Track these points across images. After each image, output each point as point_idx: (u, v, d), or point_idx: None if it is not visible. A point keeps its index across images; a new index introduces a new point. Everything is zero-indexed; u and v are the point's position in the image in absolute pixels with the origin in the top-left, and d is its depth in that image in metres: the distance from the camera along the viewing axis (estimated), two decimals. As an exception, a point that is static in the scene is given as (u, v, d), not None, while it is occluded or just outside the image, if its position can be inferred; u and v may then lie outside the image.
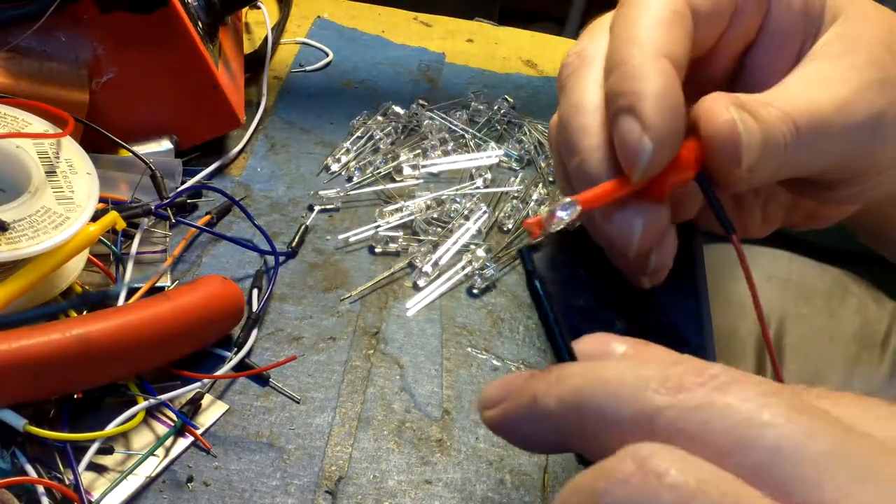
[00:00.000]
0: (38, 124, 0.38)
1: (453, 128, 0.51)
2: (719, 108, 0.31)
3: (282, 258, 0.42)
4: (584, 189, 0.33)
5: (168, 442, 0.34)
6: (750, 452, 0.18)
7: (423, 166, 0.48)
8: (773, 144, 0.32)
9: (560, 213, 0.30)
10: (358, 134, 0.50)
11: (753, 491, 0.18)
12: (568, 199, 0.31)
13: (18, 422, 0.31)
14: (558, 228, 0.31)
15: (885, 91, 0.34)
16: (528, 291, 0.30)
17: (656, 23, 0.32)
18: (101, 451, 0.32)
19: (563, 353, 0.26)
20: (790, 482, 0.18)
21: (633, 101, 0.31)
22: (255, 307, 0.39)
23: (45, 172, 0.36)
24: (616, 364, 0.22)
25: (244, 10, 0.58)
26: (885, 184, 0.36)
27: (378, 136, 0.50)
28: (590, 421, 0.21)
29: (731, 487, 0.18)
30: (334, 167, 0.48)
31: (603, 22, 0.37)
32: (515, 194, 0.47)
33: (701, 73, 0.37)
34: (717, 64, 0.37)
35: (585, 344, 0.25)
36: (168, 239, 0.41)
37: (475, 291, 0.42)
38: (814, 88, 0.33)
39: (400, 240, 0.44)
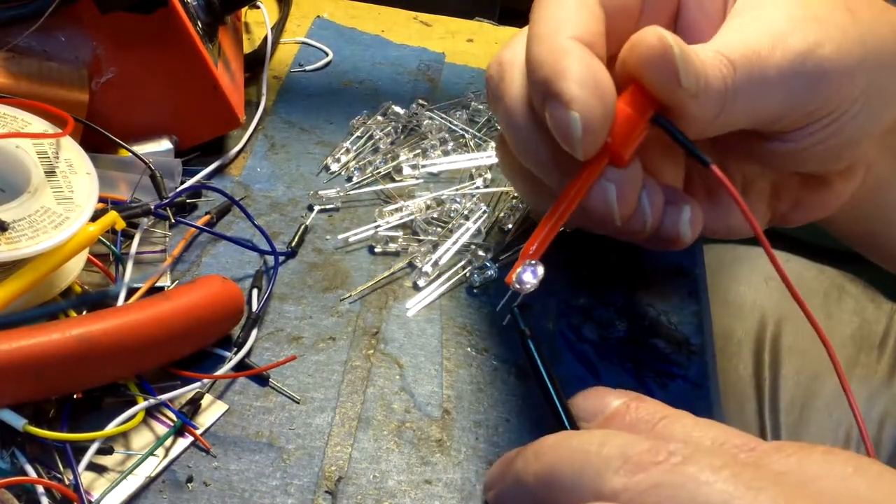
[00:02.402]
0: (38, 124, 0.38)
1: (453, 128, 0.51)
2: (648, 31, 0.31)
3: (281, 258, 0.42)
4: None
5: (168, 442, 0.34)
6: None
7: (423, 166, 0.48)
8: (712, 81, 0.31)
9: (525, 279, 0.30)
10: (358, 134, 0.50)
11: None
12: (528, 262, 0.31)
13: (18, 422, 0.31)
14: (533, 289, 0.31)
15: (818, 26, 0.33)
16: (521, 349, 0.30)
17: (564, 13, 0.32)
18: (100, 451, 0.32)
19: (559, 417, 0.27)
20: None
21: (551, 86, 0.31)
22: (254, 307, 0.39)
23: (45, 172, 0.36)
24: (588, 439, 0.23)
25: (244, 10, 0.58)
26: (842, 131, 0.35)
27: (378, 136, 0.50)
28: (560, 497, 0.22)
29: None
30: (334, 167, 0.48)
31: (521, 32, 0.36)
32: (515, 194, 0.47)
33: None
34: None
35: (583, 402, 0.26)
36: (168, 239, 0.41)
37: (475, 291, 0.42)
38: (745, 30, 0.33)
39: (400, 240, 0.44)
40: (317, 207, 0.45)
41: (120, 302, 0.36)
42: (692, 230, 0.36)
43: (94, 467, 0.32)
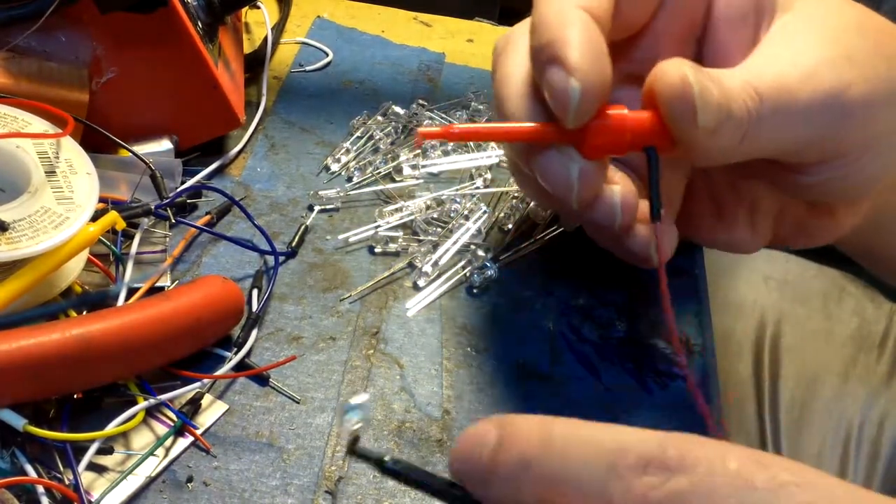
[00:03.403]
0: (38, 124, 0.38)
1: (453, 128, 0.51)
2: (672, 65, 0.31)
3: (282, 258, 0.42)
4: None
5: (168, 442, 0.34)
6: None
7: (423, 166, 0.48)
8: (735, 111, 0.31)
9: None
10: (358, 134, 0.50)
11: None
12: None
13: (18, 422, 0.31)
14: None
15: (850, 66, 0.33)
16: (385, 475, 0.28)
17: None
18: (100, 451, 0.32)
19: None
20: None
21: (555, 49, 0.31)
22: (255, 307, 0.39)
23: (45, 172, 0.36)
24: None
25: (244, 10, 0.58)
26: (863, 169, 0.35)
27: (378, 136, 0.50)
28: None
29: None
30: (334, 167, 0.48)
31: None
32: (515, 194, 0.47)
33: (642, 56, 0.36)
34: (670, 54, 0.36)
35: (458, 457, 0.23)
36: (168, 239, 0.41)
37: (475, 291, 0.42)
38: (777, 61, 0.33)
39: (400, 240, 0.44)
40: (317, 207, 0.45)
41: (120, 302, 0.36)
42: (661, 254, 0.35)
43: (94, 467, 0.32)
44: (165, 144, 0.45)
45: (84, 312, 0.35)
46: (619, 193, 0.34)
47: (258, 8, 0.57)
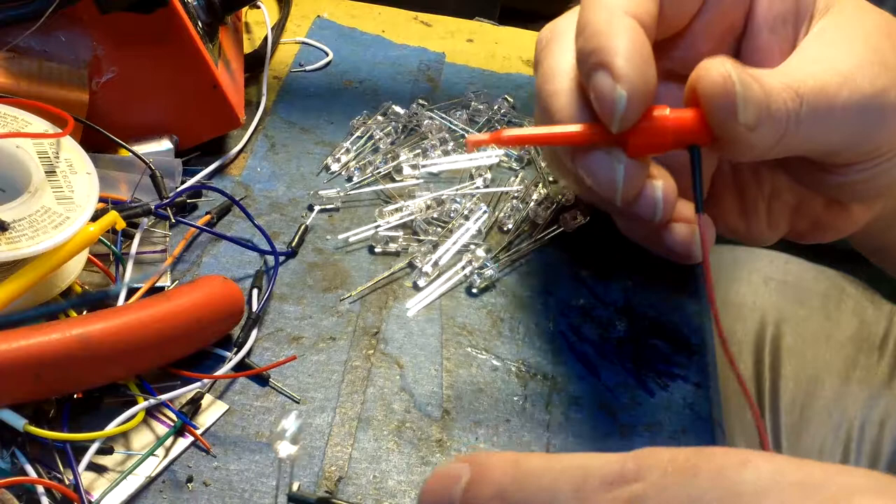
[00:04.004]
0: (38, 124, 0.38)
1: (453, 128, 0.51)
2: (715, 63, 0.32)
3: (282, 258, 0.42)
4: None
5: (168, 442, 0.34)
6: None
7: (423, 166, 0.48)
8: (775, 110, 0.32)
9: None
10: (358, 134, 0.50)
11: None
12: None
13: (18, 422, 0.31)
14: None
15: (885, 71, 0.34)
16: None
17: None
18: (101, 451, 0.32)
19: None
20: None
21: (603, 56, 0.32)
22: (255, 307, 0.39)
23: (45, 172, 0.36)
24: None
25: (244, 10, 0.58)
26: (886, 174, 0.36)
27: (378, 136, 0.50)
28: None
29: None
30: (334, 167, 0.48)
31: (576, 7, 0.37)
32: (515, 194, 0.47)
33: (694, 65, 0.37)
34: (703, 45, 0.37)
35: (427, 498, 0.24)
36: (168, 239, 0.41)
37: (475, 291, 0.42)
38: (816, 64, 0.34)
39: (400, 240, 0.44)
40: (317, 207, 0.45)
41: (120, 302, 0.36)
42: (705, 248, 0.36)
43: (94, 467, 0.32)
44: (165, 144, 0.45)
45: (84, 312, 0.35)
46: (660, 189, 0.35)
47: (258, 8, 0.57)
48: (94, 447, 0.32)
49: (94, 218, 0.36)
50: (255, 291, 0.40)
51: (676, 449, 0.21)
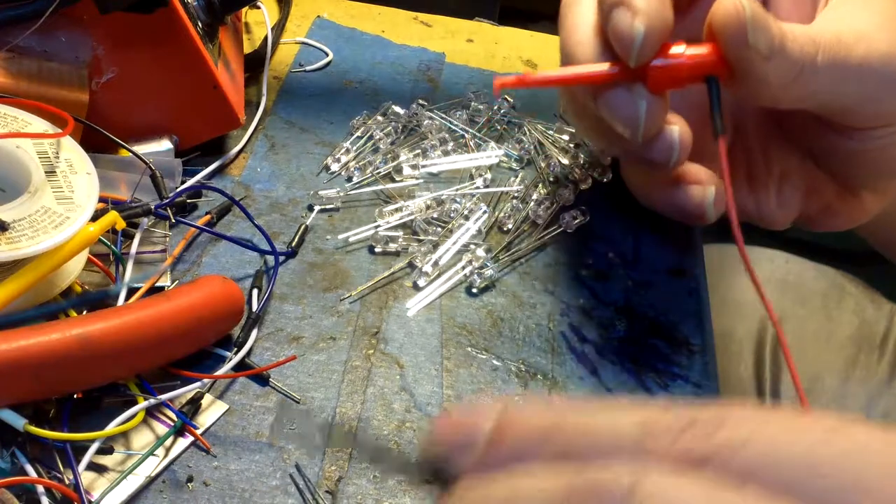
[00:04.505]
0: (38, 124, 0.38)
1: (453, 128, 0.51)
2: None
3: (282, 258, 0.42)
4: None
5: (168, 442, 0.34)
6: None
7: (423, 166, 0.48)
8: (791, 49, 0.33)
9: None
10: (358, 134, 0.50)
11: None
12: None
13: (18, 422, 0.31)
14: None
15: None
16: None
17: None
18: (101, 451, 0.32)
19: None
20: None
21: None
22: (255, 307, 0.39)
23: (45, 172, 0.36)
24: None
25: (244, 10, 0.58)
26: None
27: (378, 136, 0.50)
28: None
29: None
30: (334, 167, 0.48)
31: None
32: (515, 194, 0.47)
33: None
34: None
35: (441, 433, 0.20)
36: (168, 239, 0.41)
37: (475, 291, 0.42)
38: (836, 21, 0.35)
39: (400, 240, 0.44)
40: (317, 207, 0.45)
41: (120, 302, 0.36)
42: (716, 209, 0.39)
43: (95, 467, 0.32)
44: (165, 144, 0.45)
45: (84, 312, 0.35)
46: (676, 132, 0.37)
47: (258, 8, 0.57)
48: (94, 447, 0.32)
49: (94, 218, 0.36)
50: (255, 291, 0.40)
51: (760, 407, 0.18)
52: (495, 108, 0.53)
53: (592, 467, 0.17)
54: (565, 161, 0.50)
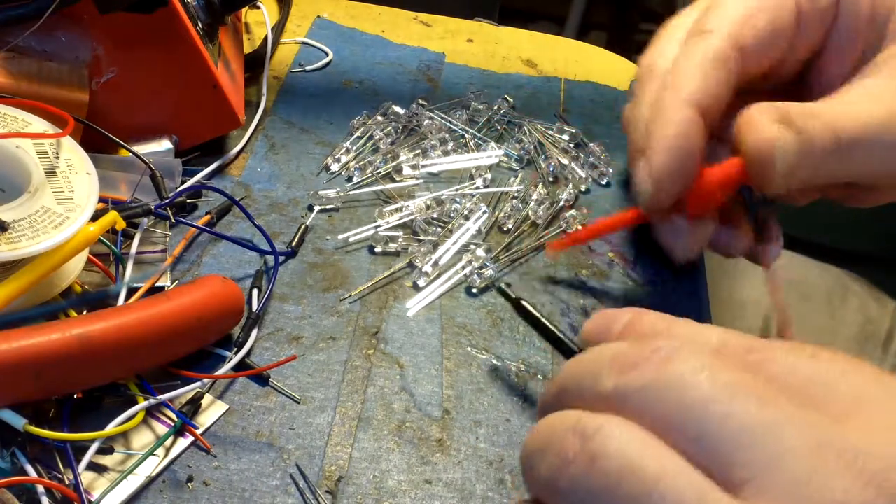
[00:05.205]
0: (38, 124, 0.38)
1: (453, 128, 0.51)
2: (759, 120, 0.35)
3: (282, 258, 0.42)
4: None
5: (168, 442, 0.34)
6: (684, 432, 0.20)
7: (423, 166, 0.48)
8: (809, 153, 0.35)
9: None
10: (358, 134, 0.50)
11: (685, 469, 0.20)
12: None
13: (18, 422, 0.31)
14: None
15: None
16: (522, 316, 0.37)
17: (696, 71, 0.36)
18: (101, 451, 0.32)
19: (569, 351, 0.33)
20: (715, 460, 0.20)
21: (647, 146, 0.36)
22: (255, 307, 0.39)
23: (45, 172, 0.36)
24: (592, 349, 0.24)
25: (244, 10, 0.58)
26: None
27: (378, 136, 0.50)
28: (567, 403, 0.23)
29: (665, 464, 0.20)
30: (334, 167, 0.48)
31: (672, 28, 0.41)
32: (515, 194, 0.47)
33: (767, 81, 0.40)
34: (785, 74, 0.40)
35: (590, 327, 0.27)
36: (168, 239, 0.41)
37: (475, 291, 0.42)
38: (864, 103, 0.36)
39: (400, 240, 0.44)
40: (317, 207, 0.45)
41: (120, 302, 0.36)
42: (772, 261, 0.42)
43: (95, 467, 0.32)
44: (165, 144, 0.45)
45: (84, 312, 0.35)
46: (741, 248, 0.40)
47: (258, 8, 0.57)
48: (94, 447, 0.32)
49: (94, 218, 0.36)
50: (255, 291, 0.40)
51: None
52: (495, 108, 0.53)
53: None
54: (565, 161, 0.50)
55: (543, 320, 0.35)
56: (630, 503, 0.19)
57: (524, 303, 0.36)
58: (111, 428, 0.32)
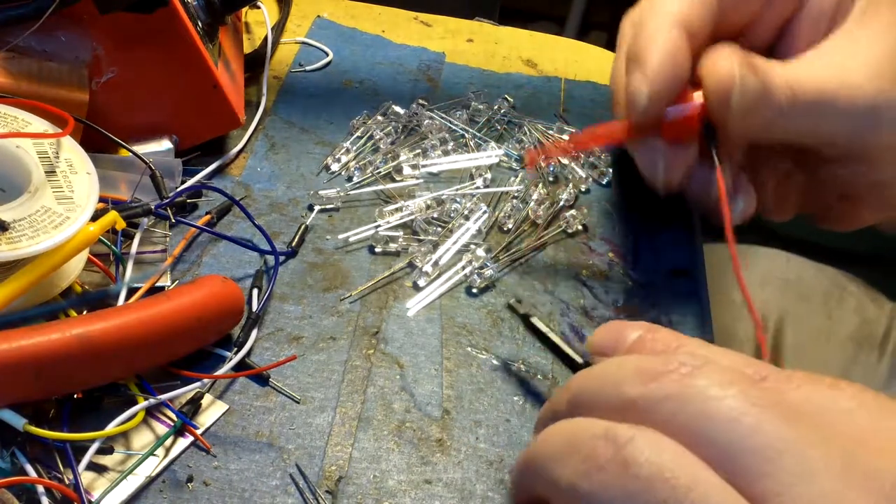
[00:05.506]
0: (38, 124, 0.38)
1: (453, 127, 0.51)
2: (721, 59, 0.36)
3: (282, 258, 0.42)
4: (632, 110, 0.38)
5: (168, 442, 0.34)
6: (710, 443, 0.21)
7: (423, 166, 0.48)
8: (766, 101, 0.36)
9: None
10: (358, 134, 0.50)
11: (715, 478, 0.20)
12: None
13: (18, 422, 0.31)
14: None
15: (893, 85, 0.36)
16: (532, 333, 0.38)
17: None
18: (101, 451, 0.32)
19: (577, 365, 0.32)
20: (741, 472, 0.20)
21: (641, 59, 0.37)
22: (255, 307, 0.39)
23: (45, 172, 0.36)
24: (608, 363, 0.24)
25: (244, 10, 0.58)
26: (882, 172, 0.38)
27: (378, 136, 0.50)
28: (585, 412, 0.24)
29: (697, 474, 0.20)
30: (334, 167, 0.48)
31: None
32: (515, 194, 0.47)
33: (745, 42, 0.40)
34: (761, 34, 0.40)
35: (600, 338, 0.27)
36: (168, 239, 0.41)
37: (475, 291, 0.42)
38: (821, 67, 0.37)
39: (400, 240, 0.44)
40: (317, 207, 0.45)
41: (120, 302, 0.36)
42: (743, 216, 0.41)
43: (95, 467, 0.32)
44: (165, 144, 0.45)
45: (84, 312, 0.35)
46: (740, 207, 0.40)
47: (258, 8, 0.57)
48: (94, 447, 0.32)
49: (94, 218, 0.36)
50: (255, 291, 0.40)
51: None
52: (495, 107, 0.53)
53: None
54: (565, 161, 0.50)
55: (553, 337, 0.36)
56: None
57: (534, 320, 0.37)
58: (111, 428, 0.32)
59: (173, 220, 0.41)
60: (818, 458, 0.20)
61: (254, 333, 0.38)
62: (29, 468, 0.31)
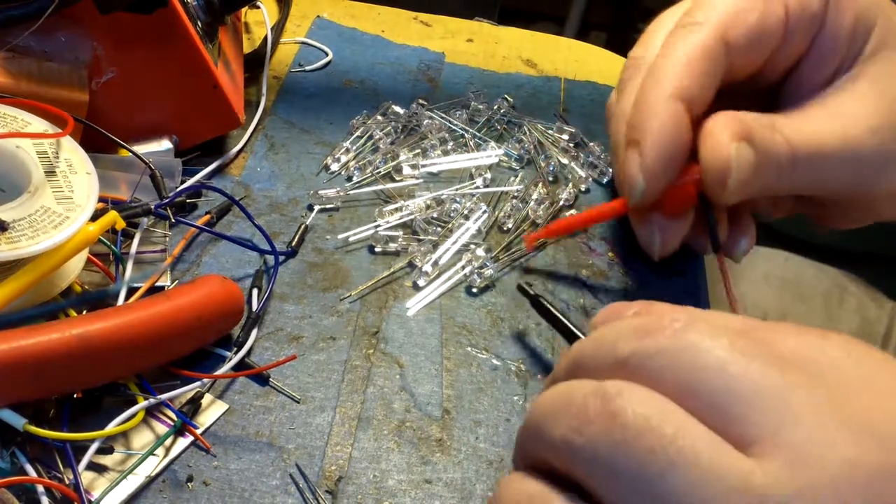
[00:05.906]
0: (38, 124, 0.38)
1: (453, 127, 0.51)
2: (720, 138, 0.35)
3: (281, 258, 0.42)
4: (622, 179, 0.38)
5: (168, 441, 0.34)
6: (698, 394, 0.21)
7: (423, 166, 0.48)
8: (765, 167, 0.35)
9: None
10: (357, 134, 0.50)
11: (701, 428, 0.21)
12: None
13: (18, 421, 0.31)
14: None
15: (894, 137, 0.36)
16: (540, 313, 0.38)
17: (682, 63, 0.36)
18: (101, 451, 0.32)
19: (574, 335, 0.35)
20: (728, 420, 0.21)
21: (638, 138, 0.36)
22: (254, 307, 0.39)
23: (45, 172, 0.36)
24: (606, 326, 0.25)
25: (244, 10, 0.58)
26: (883, 211, 0.40)
27: (378, 136, 0.50)
28: (582, 374, 0.24)
29: (682, 423, 0.21)
30: (334, 167, 0.48)
31: (661, 22, 0.41)
32: (515, 194, 0.47)
33: (747, 86, 0.40)
34: (763, 77, 0.40)
35: (599, 319, 0.28)
36: (168, 238, 0.41)
37: (475, 291, 0.42)
38: (823, 120, 0.37)
39: (400, 239, 0.44)
40: (317, 207, 0.45)
41: (120, 301, 0.36)
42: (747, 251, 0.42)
43: (95, 467, 0.32)
44: (165, 144, 0.45)
45: (84, 312, 0.35)
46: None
47: (258, 8, 0.57)
48: (94, 447, 0.32)
49: (94, 218, 0.36)
50: (255, 291, 0.40)
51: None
52: (495, 107, 0.53)
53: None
54: (565, 161, 0.50)
55: (562, 318, 0.36)
56: (647, 457, 0.20)
57: (542, 300, 0.37)
58: (111, 428, 0.32)
59: (173, 220, 0.41)
60: (805, 404, 0.20)
61: (254, 333, 0.38)
62: (29, 468, 0.31)
